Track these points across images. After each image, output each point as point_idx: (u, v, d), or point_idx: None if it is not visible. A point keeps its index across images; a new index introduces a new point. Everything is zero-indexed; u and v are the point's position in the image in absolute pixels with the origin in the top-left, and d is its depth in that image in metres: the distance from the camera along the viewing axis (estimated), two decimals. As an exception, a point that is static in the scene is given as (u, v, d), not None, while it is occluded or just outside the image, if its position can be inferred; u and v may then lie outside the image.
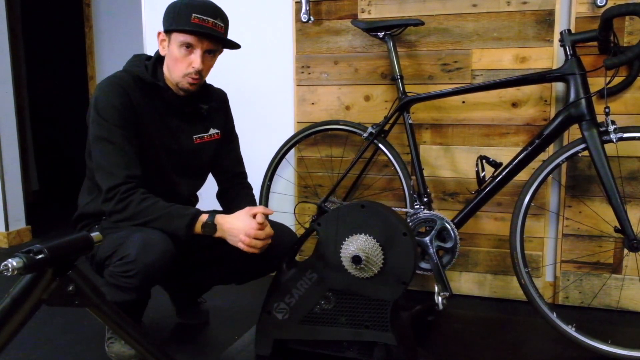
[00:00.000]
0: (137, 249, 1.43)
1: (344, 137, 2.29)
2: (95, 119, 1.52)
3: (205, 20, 1.52)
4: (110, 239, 1.51)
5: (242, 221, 1.49)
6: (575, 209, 2.06)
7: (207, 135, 1.73)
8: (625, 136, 1.63)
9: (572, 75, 1.69)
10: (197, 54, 1.54)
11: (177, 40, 1.53)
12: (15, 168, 3.02)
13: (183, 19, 1.51)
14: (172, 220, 1.48)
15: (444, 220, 1.86)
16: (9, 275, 0.90)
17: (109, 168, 1.49)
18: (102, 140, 1.51)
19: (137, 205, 1.48)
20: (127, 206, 1.48)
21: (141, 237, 1.45)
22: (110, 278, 1.49)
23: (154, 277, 1.47)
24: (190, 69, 1.55)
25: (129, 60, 1.66)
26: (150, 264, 1.43)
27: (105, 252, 1.51)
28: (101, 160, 1.51)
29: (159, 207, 1.49)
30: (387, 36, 2.02)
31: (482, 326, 1.94)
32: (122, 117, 1.51)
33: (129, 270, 1.44)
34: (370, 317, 1.50)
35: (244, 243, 1.48)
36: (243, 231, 1.48)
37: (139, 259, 1.42)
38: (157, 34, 1.60)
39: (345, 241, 1.50)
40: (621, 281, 2.03)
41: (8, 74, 2.96)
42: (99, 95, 1.53)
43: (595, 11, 1.94)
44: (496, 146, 2.12)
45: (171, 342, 1.83)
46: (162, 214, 1.48)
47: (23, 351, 1.73)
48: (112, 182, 1.48)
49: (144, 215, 1.48)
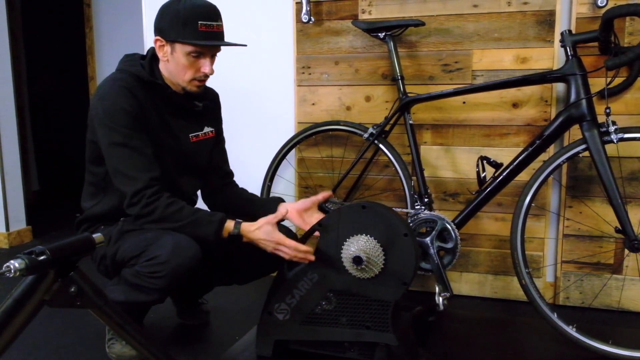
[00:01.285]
0: (169, 251, 1.44)
1: (344, 137, 2.29)
2: (106, 124, 1.50)
3: (211, 26, 1.51)
4: (134, 240, 1.52)
5: (264, 232, 1.49)
6: (576, 209, 2.06)
7: (202, 133, 1.73)
8: (626, 137, 1.63)
9: (573, 75, 1.69)
10: (207, 60, 1.54)
11: (184, 50, 1.51)
12: (16, 168, 3.02)
13: (190, 29, 1.49)
14: (200, 227, 1.49)
15: (445, 221, 1.86)
16: (11, 277, 0.90)
17: (130, 172, 1.49)
18: (117, 146, 1.49)
19: (163, 210, 1.48)
20: (153, 210, 1.48)
21: (172, 240, 1.46)
22: (133, 278, 1.50)
23: (181, 280, 1.49)
24: (199, 74, 1.55)
25: (121, 60, 1.63)
26: (180, 266, 1.46)
27: (131, 252, 1.51)
28: (120, 166, 1.50)
29: (185, 213, 1.50)
30: (388, 37, 2.02)
31: (483, 327, 1.94)
32: (133, 119, 1.50)
33: (158, 271, 1.45)
34: (371, 317, 1.50)
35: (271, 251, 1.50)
36: (272, 247, 1.49)
37: (171, 260, 1.44)
38: (155, 40, 1.56)
39: (346, 242, 1.50)
40: (622, 282, 2.03)
41: (8, 74, 2.96)
42: (105, 101, 1.51)
43: (595, 12, 1.94)
44: (497, 147, 2.12)
45: (172, 342, 1.83)
46: (190, 221, 1.49)
47: (24, 352, 1.73)
48: (135, 186, 1.48)
49: (171, 221, 1.49)
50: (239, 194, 1.83)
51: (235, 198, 1.82)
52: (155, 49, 1.58)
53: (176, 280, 1.48)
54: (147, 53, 1.64)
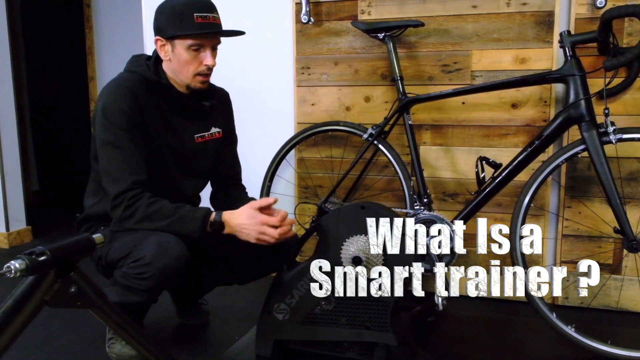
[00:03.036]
0: (153, 252, 1.43)
1: (344, 138, 2.30)
2: (103, 123, 1.51)
3: (207, 17, 1.52)
4: (123, 241, 1.52)
5: (247, 216, 1.47)
6: (575, 209, 2.07)
7: (208, 134, 1.72)
8: (625, 137, 1.64)
9: (572, 76, 1.69)
10: (207, 52, 1.55)
11: (184, 45, 1.52)
12: (16, 168, 3.02)
13: (187, 22, 1.50)
14: (184, 224, 1.48)
15: (444, 221, 1.86)
16: (11, 277, 0.90)
17: (115, 173, 1.49)
18: (108, 145, 1.50)
19: (145, 210, 1.47)
20: (135, 212, 1.47)
21: (157, 240, 1.45)
22: (122, 279, 1.50)
23: (168, 280, 1.49)
24: (202, 67, 1.56)
25: (129, 61, 1.65)
26: (166, 267, 1.44)
27: (119, 253, 1.51)
28: (107, 166, 1.51)
29: (167, 210, 1.48)
30: (387, 37, 2.02)
31: (482, 327, 1.95)
32: (129, 120, 1.50)
33: (143, 272, 1.45)
34: (371, 317, 1.50)
35: (254, 238, 1.47)
36: (255, 230, 1.46)
37: (154, 261, 1.43)
38: (155, 40, 1.57)
39: (346, 242, 1.50)
40: (620, 282, 2.04)
41: (8, 74, 2.96)
42: (106, 98, 1.52)
43: (594, 12, 1.95)
44: (496, 147, 2.12)
45: (172, 342, 1.84)
46: (173, 220, 1.47)
47: (24, 352, 1.73)
48: (118, 188, 1.48)
49: (154, 220, 1.47)
50: (238, 197, 1.80)
51: (235, 200, 1.79)
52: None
53: (163, 281, 1.47)
54: (152, 54, 1.64)
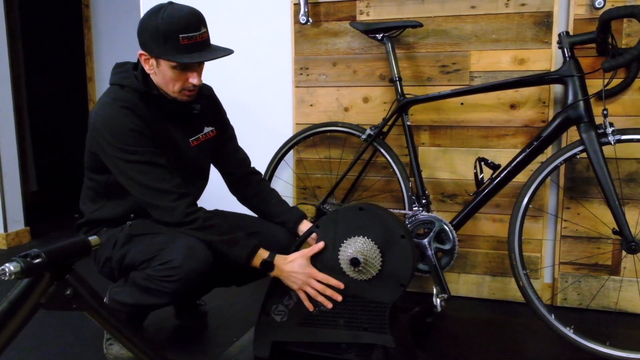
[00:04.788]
0: (182, 255, 1.45)
1: (342, 138, 2.29)
2: (119, 147, 1.48)
3: (193, 38, 1.46)
4: (146, 244, 1.53)
5: (299, 265, 1.51)
6: (574, 210, 2.06)
7: (202, 134, 1.72)
8: (623, 138, 1.63)
9: (570, 77, 1.69)
10: (194, 72, 1.52)
11: (169, 64, 1.48)
12: (14, 169, 3.02)
13: (171, 44, 1.44)
14: (235, 245, 1.51)
15: (443, 222, 1.86)
16: (6, 280, 0.90)
17: (157, 185, 1.49)
18: (137, 164, 1.49)
19: (203, 222, 1.50)
20: (195, 220, 1.50)
21: (186, 244, 1.47)
22: (144, 281, 1.50)
23: (194, 284, 1.50)
24: (187, 84, 1.53)
25: (113, 72, 1.61)
26: (194, 271, 1.47)
27: (142, 255, 1.52)
28: (146, 182, 1.49)
29: (224, 228, 1.53)
30: (386, 38, 2.02)
31: (481, 328, 1.94)
32: (142, 136, 1.50)
33: (171, 275, 1.46)
34: (369, 319, 1.50)
35: (299, 287, 1.52)
36: (302, 280, 1.51)
37: (184, 265, 1.45)
38: (139, 54, 1.53)
39: (344, 243, 1.50)
40: (619, 283, 2.04)
41: (7, 74, 2.96)
42: (110, 124, 1.49)
43: (593, 13, 1.94)
44: (494, 148, 2.12)
45: (170, 343, 1.83)
46: (227, 238, 1.51)
47: (20, 354, 1.73)
48: (168, 197, 1.49)
49: (208, 233, 1.50)
50: (261, 191, 1.82)
51: (264, 195, 1.81)
52: None
53: (189, 284, 1.49)
54: (138, 62, 1.59)
